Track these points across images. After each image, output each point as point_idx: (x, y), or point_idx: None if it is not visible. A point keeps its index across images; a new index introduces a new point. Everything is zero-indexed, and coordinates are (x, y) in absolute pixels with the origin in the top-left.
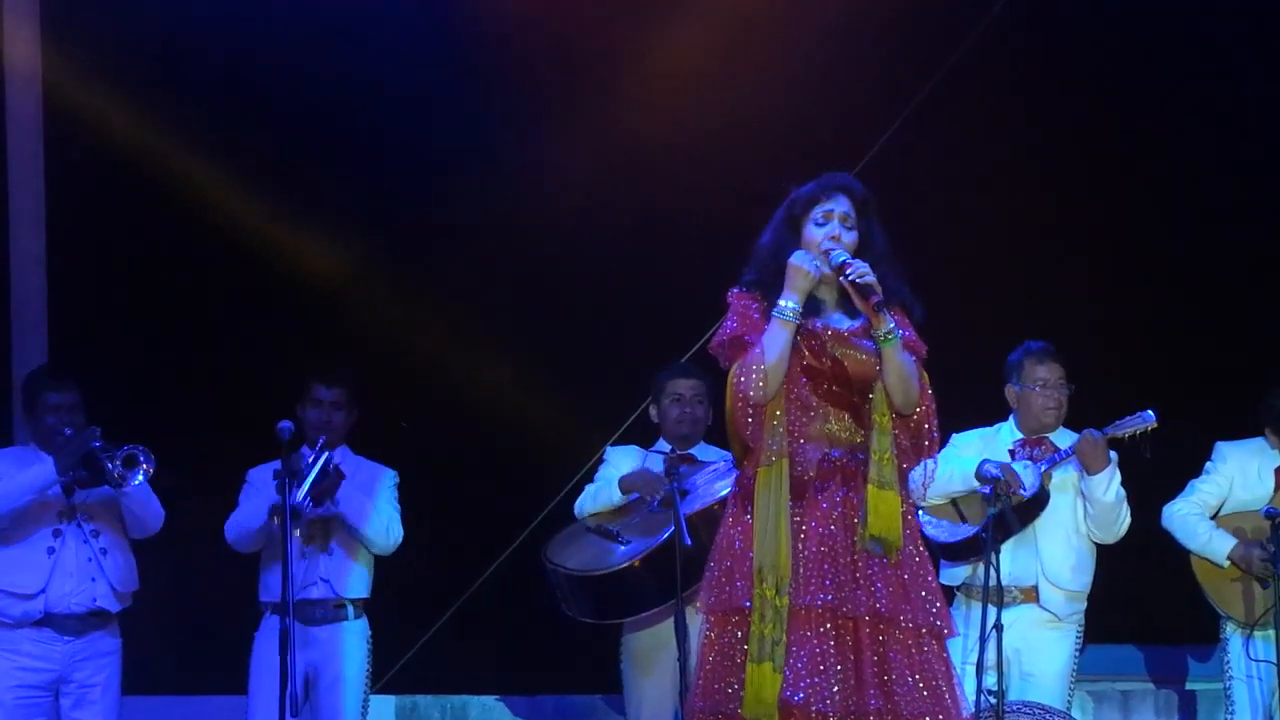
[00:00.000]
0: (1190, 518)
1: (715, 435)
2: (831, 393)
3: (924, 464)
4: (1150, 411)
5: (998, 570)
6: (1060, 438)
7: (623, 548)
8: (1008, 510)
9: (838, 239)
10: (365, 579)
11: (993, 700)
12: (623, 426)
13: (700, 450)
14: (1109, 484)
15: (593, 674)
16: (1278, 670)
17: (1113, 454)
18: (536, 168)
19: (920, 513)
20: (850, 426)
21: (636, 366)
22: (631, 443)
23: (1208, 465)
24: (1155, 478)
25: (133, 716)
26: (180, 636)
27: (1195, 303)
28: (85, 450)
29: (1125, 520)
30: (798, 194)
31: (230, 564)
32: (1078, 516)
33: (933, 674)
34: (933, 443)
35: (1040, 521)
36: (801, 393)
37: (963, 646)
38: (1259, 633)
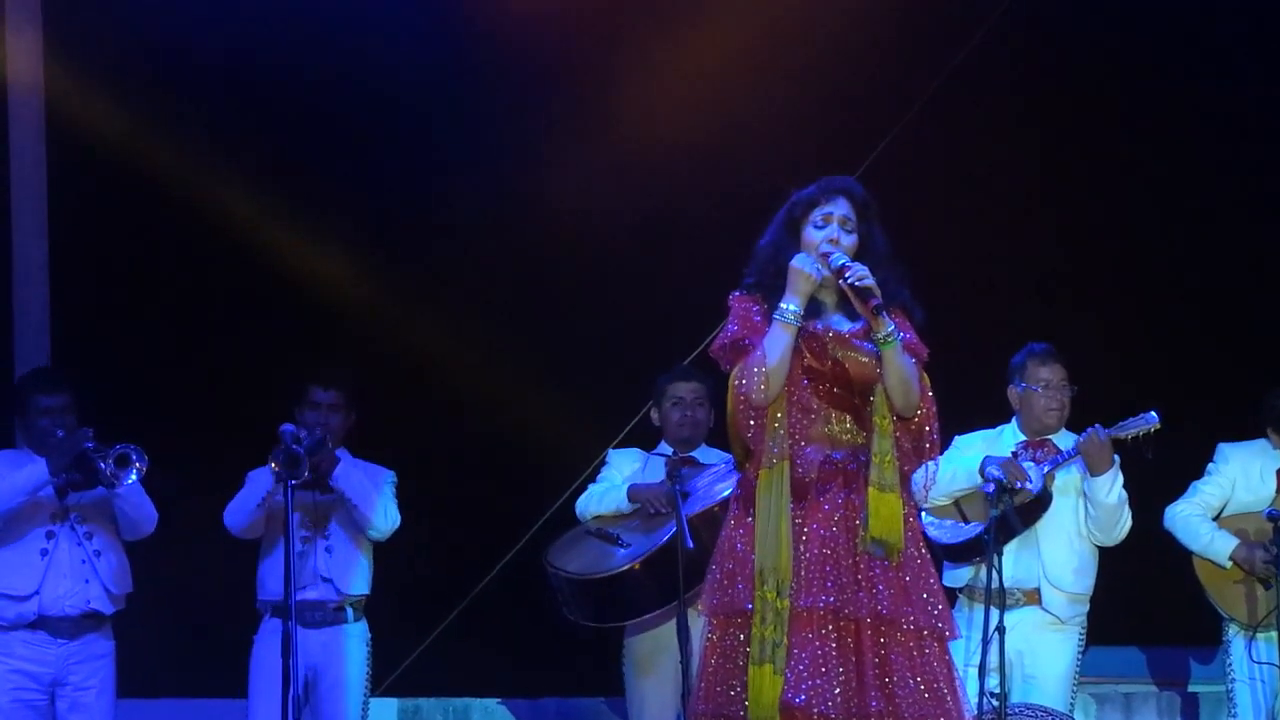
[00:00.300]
0: (1192, 519)
1: (717, 438)
2: (833, 395)
3: (925, 466)
4: (1153, 413)
5: (1000, 572)
6: (1063, 439)
7: (623, 550)
8: (1010, 512)
9: (836, 242)
10: (366, 574)
11: (995, 703)
12: (625, 429)
13: (702, 453)
14: (1112, 485)
15: (595, 677)
16: None
17: (1116, 456)
18: (538, 169)
19: (923, 514)
20: (851, 429)
21: (638, 369)
22: (633, 446)
23: (1210, 466)
24: (1157, 479)
25: None
26: (179, 639)
27: (1197, 304)
28: (78, 451)
29: (1126, 523)
30: (798, 197)
31: (229, 565)
32: (1080, 519)
33: (934, 676)
34: (934, 445)
35: (1043, 524)
36: (803, 395)
37: (965, 649)
38: (1261, 634)
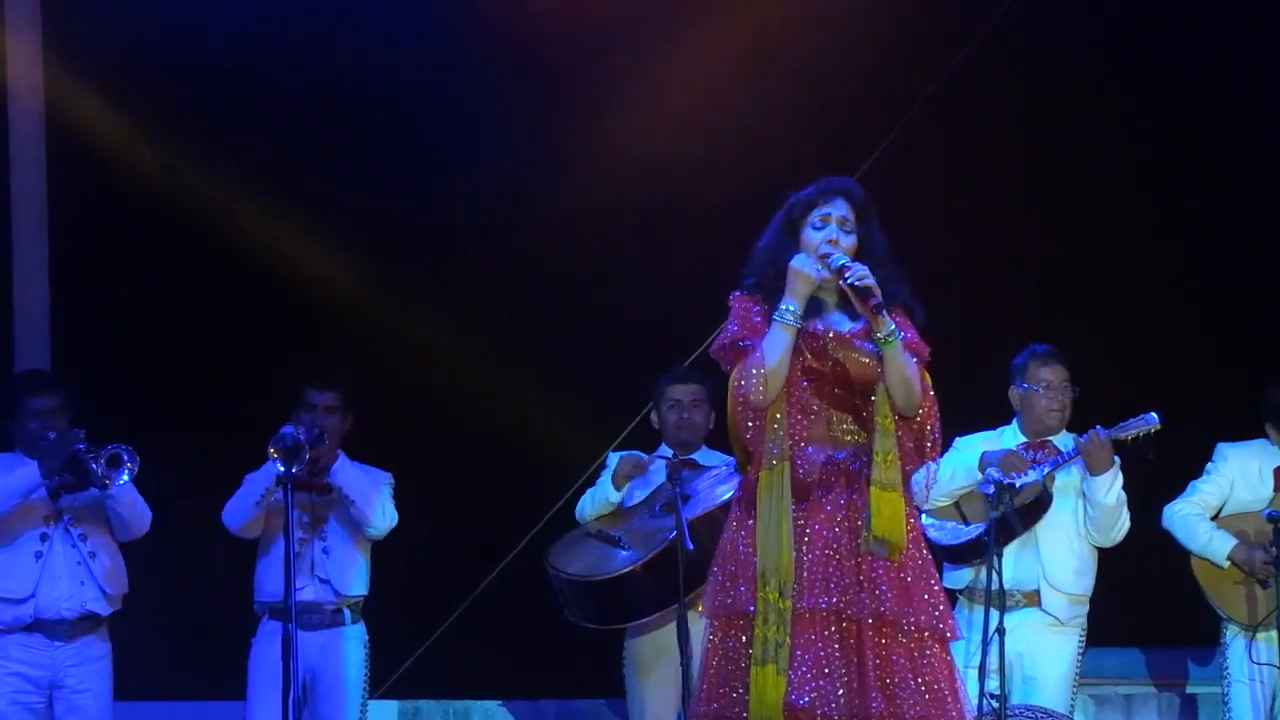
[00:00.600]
0: (1191, 518)
1: (717, 439)
2: (834, 395)
3: (926, 467)
4: (1153, 414)
5: (1000, 574)
6: (1063, 441)
7: (624, 553)
8: (1010, 513)
9: (835, 243)
10: (364, 575)
11: (995, 704)
12: (625, 431)
13: (702, 455)
14: (1111, 486)
15: (595, 679)
16: None
17: (1116, 457)
18: (538, 169)
19: (923, 515)
20: (853, 429)
21: (639, 371)
22: (634, 447)
23: (1208, 466)
24: (1157, 480)
25: None
26: (176, 641)
27: (1198, 305)
28: (69, 452)
29: (1124, 524)
30: (796, 198)
31: (227, 567)
32: (1080, 520)
33: (936, 677)
34: (935, 445)
35: (1042, 525)
36: (803, 396)
37: (965, 650)
38: (1261, 634)
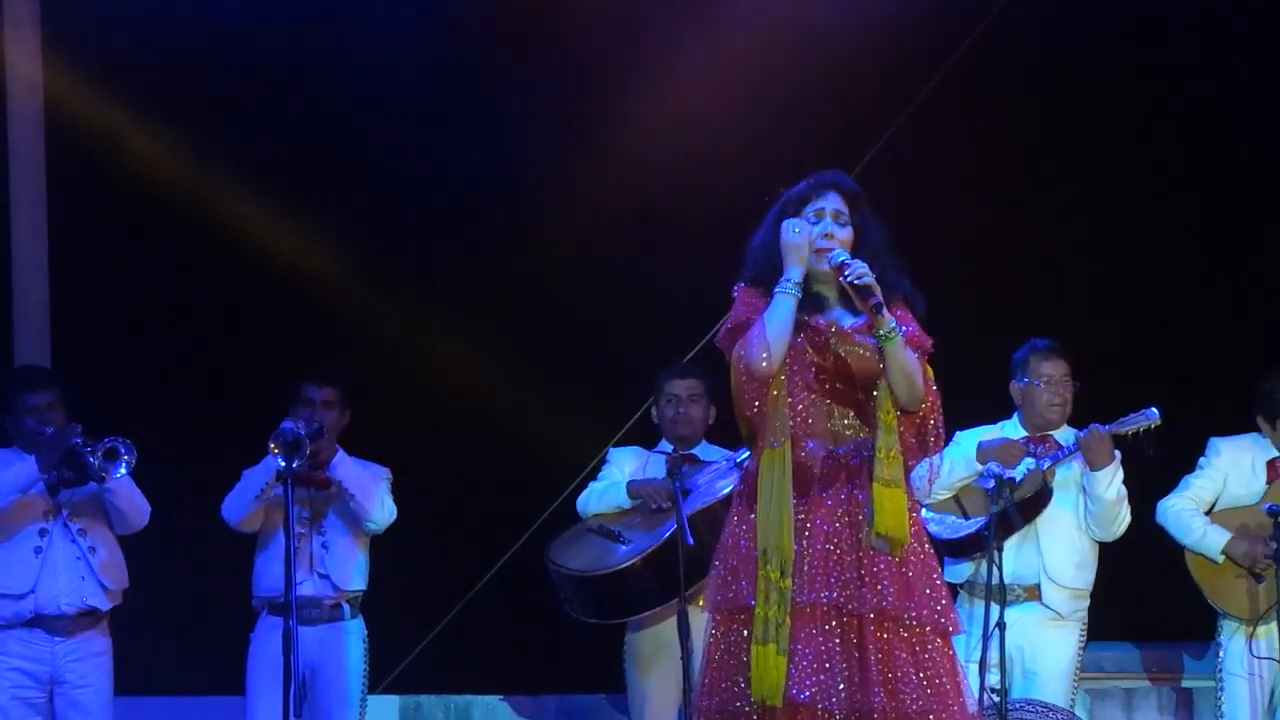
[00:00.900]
0: (1184, 514)
1: (717, 435)
2: (835, 389)
3: (929, 461)
4: (1154, 409)
5: (1000, 568)
6: (1064, 435)
7: (624, 547)
8: (1010, 508)
9: (831, 236)
10: (363, 570)
11: (996, 699)
12: (625, 427)
13: (703, 450)
14: (1111, 480)
15: (596, 674)
16: None
17: (1116, 452)
18: (539, 168)
19: (924, 509)
20: (855, 423)
21: (640, 367)
22: (635, 443)
23: (1201, 460)
24: (1158, 475)
25: (130, 718)
26: (177, 636)
27: (1199, 300)
28: (66, 446)
29: (1125, 519)
30: (789, 194)
31: (227, 563)
32: (1080, 514)
33: (938, 671)
34: (938, 439)
35: (1043, 519)
36: (806, 390)
37: (966, 644)
38: (1261, 627)
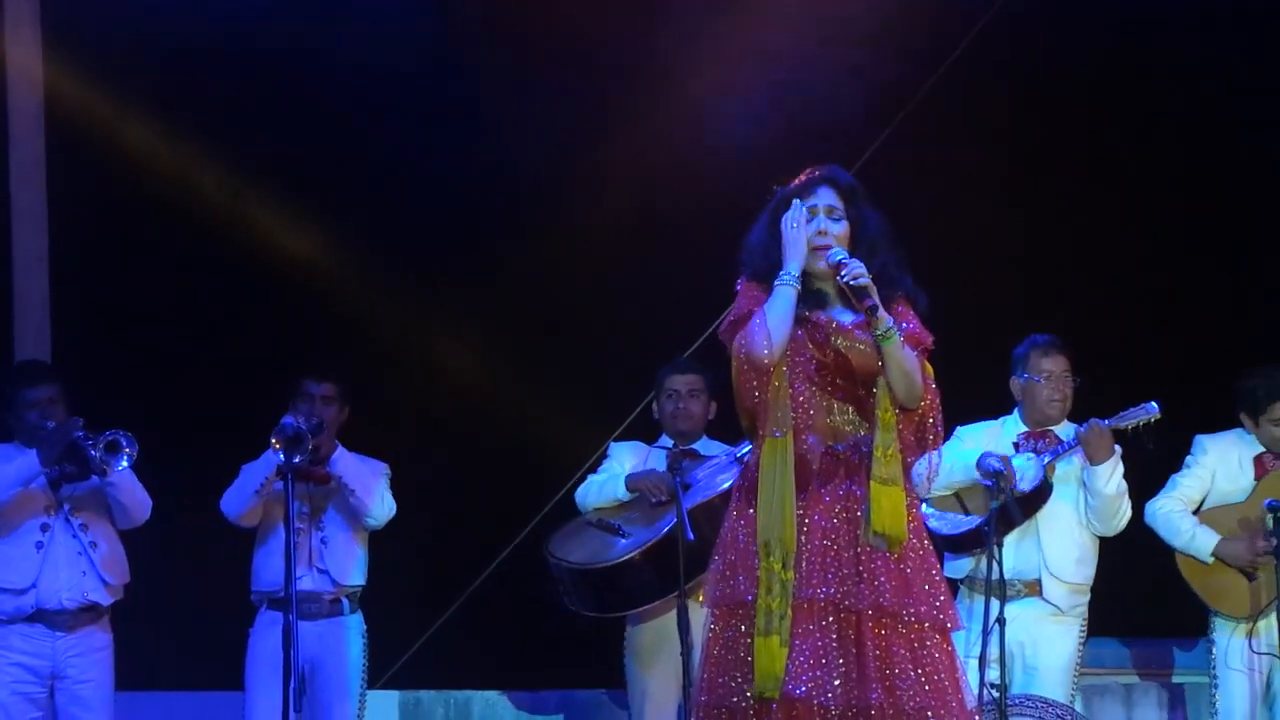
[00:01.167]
0: (1173, 515)
1: (718, 430)
2: (835, 385)
3: (928, 457)
4: (1153, 403)
5: (1000, 563)
6: (1065, 431)
7: (624, 541)
8: (1010, 503)
9: (825, 233)
10: (362, 565)
11: (995, 694)
12: (625, 422)
13: (703, 445)
14: (1111, 475)
15: (596, 669)
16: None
17: (1116, 446)
18: (539, 165)
19: (924, 505)
20: (854, 420)
21: (640, 362)
22: (635, 438)
23: (1188, 459)
24: (1158, 469)
25: (130, 713)
26: (177, 632)
27: (1199, 295)
28: (68, 440)
29: (1125, 513)
30: (784, 191)
31: (228, 558)
32: (1080, 509)
33: (936, 667)
34: (937, 436)
35: (1043, 514)
36: (806, 382)
37: (965, 640)
38: (1262, 621)
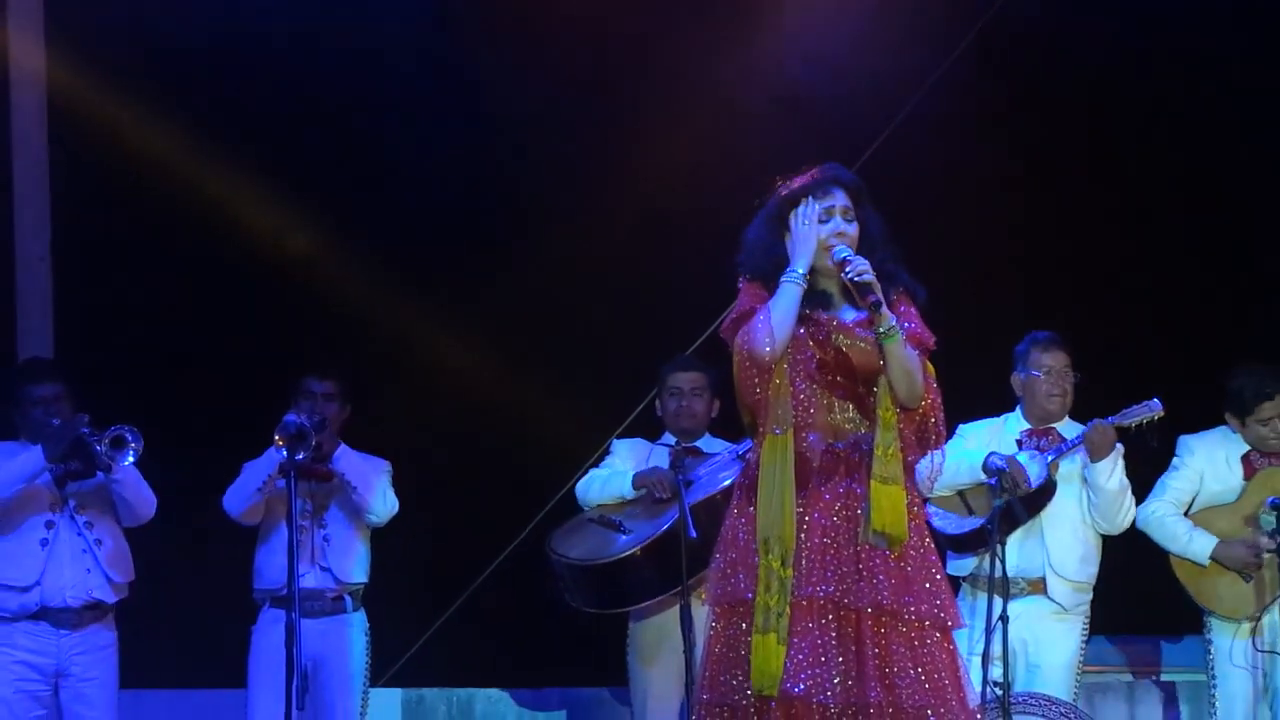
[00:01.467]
0: (1167, 520)
1: (720, 427)
2: (836, 383)
3: (930, 456)
4: (1156, 400)
5: (1004, 562)
6: (1067, 429)
7: (625, 537)
8: (1015, 502)
9: (842, 235)
10: (364, 562)
11: (999, 692)
12: (628, 419)
13: (705, 442)
14: (1112, 471)
15: (598, 666)
16: None
17: (1118, 443)
18: (540, 164)
19: (927, 504)
20: (855, 418)
21: (643, 360)
22: (638, 436)
23: (1174, 461)
24: (1161, 467)
25: (133, 711)
26: (181, 630)
27: (1200, 292)
28: (74, 436)
29: (1130, 509)
30: (790, 191)
31: (231, 556)
32: (1084, 507)
33: (936, 666)
34: (939, 435)
35: (1047, 513)
36: (807, 380)
37: (969, 638)
38: (1265, 619)
